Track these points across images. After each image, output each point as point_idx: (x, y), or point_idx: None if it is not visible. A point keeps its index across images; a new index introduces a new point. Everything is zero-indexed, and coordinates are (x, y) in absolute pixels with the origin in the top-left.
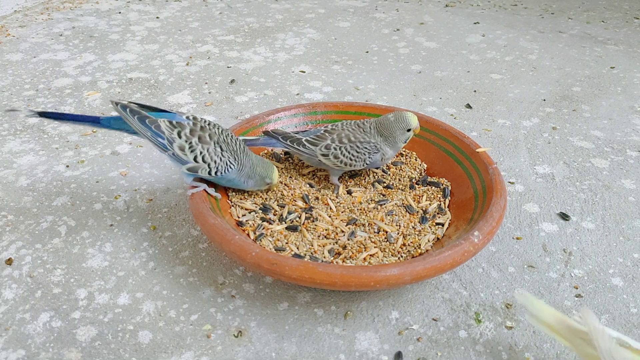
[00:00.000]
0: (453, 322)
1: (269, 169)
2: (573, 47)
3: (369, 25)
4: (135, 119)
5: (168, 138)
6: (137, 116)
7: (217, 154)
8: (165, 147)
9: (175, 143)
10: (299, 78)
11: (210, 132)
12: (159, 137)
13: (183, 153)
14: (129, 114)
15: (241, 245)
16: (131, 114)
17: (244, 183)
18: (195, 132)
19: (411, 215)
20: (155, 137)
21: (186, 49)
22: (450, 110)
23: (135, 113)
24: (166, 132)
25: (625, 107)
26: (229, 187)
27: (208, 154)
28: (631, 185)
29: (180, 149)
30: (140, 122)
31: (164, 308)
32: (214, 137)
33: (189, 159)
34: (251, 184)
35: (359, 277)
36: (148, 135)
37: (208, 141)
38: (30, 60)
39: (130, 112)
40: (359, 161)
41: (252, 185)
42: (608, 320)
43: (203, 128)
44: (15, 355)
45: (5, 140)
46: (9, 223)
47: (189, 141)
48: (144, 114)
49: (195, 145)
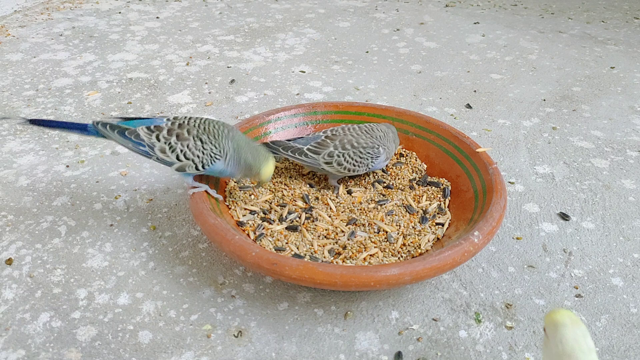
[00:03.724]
0: (453, 322)
1: (261, 159)
2: (573, 47)
3: (369, 25)
4: (115, 134)
5: (148, 144)
6: (116, 130)
7: (198, 148)
8: (148, 153)
9: (156, 147)
10: (299, 78)
11: (188, 128)
12: (140, 146)
13: (165, 155)
14: (109, 130)
15: (241, 245)
16: (111, 130)
17: (234, 174)
18: (173, 131)
19: (411, 215)
20: (137, 147)
21: (186, 49)
22: (450, 110)
23: (115, 128)
24: (145, 138)
25: (625, 107)
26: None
27: (189, 150)
28: (631, 185)
29: (162, 151)
30: (121, 135)
31: (164, 308)
32: (192, 132)
33: (173, 159)
34: (236, 171)
35: (359, 277)
36: (130, 146)
37: (186, 137)
38: (30, 60)
39: (110, 128)
40: (362, 166)
41: (237, 172)
42: (608, 320)
43: (181, 125)
44: (15, 355)
45: (5, 140)
46: (9, 223)
47: (167, 142)
48: (123, 127)
49: (174, 145)
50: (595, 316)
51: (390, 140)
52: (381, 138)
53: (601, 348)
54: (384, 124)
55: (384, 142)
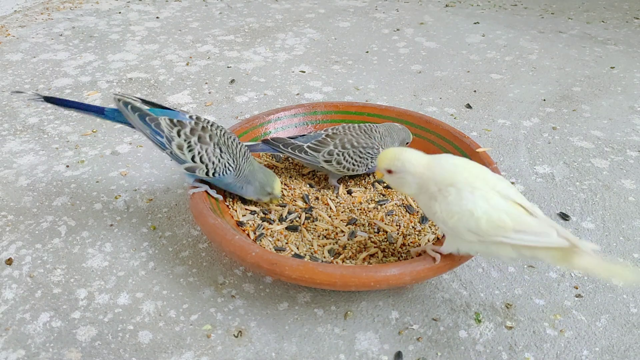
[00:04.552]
0: (453, 322)
1: (271, 178)
2: (573, 47)
3: (369, 25)
4: (135, 116)
5: (167, 136)
6: (137, 113)
7: (216, 155)
8: (164, 145)
9: (174, 142)
10: (299, 78)
11: (211, 133)
12: (158, 135)
13: (181, 152)
14: (129, 111)
15: (241, 245)
16: (132, 111)
17: (243, 189)
18: (196, 132)
19: (411, 215)
20: (154, 135)
21: (186, 49)
22: (450, 110)
23: (136, 110)
24: (165, 130)
25: (625, 107)
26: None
27: (206, 155)
28: (631, 185)
29: (179, 147)
30: (141, 119)
31: (164, 308)
32: (214, 139)
33: (187, 159)
34: (251, 190)
35: (359, 277)
36: (147, 132)
37: (208, 142)
38: (30, 60)
39: (131, 108)
40: (362, 166)
41: (251, 192)
42: (608, 320)
43: (204, 128)
44: (15, 355)
45: (5, 140)
46: (9, 223)
47: (187, 140)
48: (145, 111)
49: (194, 145)
50: (595, 316)
51: (388, 143)
52: (380, 139)
53: (601, 348)
54: (386, 125)
55: (383, 144)
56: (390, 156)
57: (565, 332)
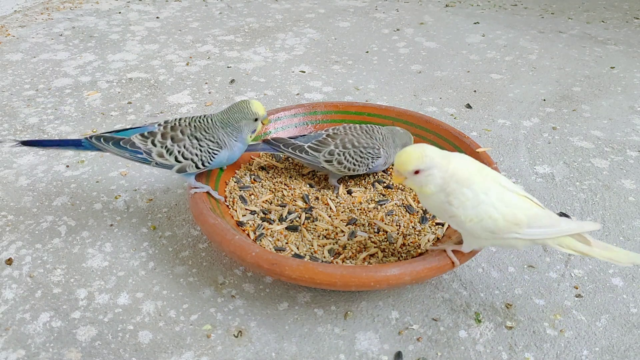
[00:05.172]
0: (453, 322)
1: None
2: (573, 47)
3: (369, 25)
4: (110, 146)
5: (145, 150)
6: (111, 142)
7: (195, 147)
8: (147, 160)
9: (153, 152)
10: (299, 78)
11: (181, 128)
12: (137, 154)
13: (164, 159)
14: (103, 143)
15: (241, 245)
16: (105, 142)
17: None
18: (167, 135)
19: (411, 215)
20: (134, 155)
21: (186, 49)
22: (450, 110)
23: (109, 139)
24: (141, 145)
25: (625, 107)
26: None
27: (186, 150)
28: (631, 185)
29: (159, 155)
30: (116, 146)
31: (164, 308)
32: (186, 131)
33: (172, 162)
34: (242, 138)
35: (359, 277)
36: (127, 155)
37: (181, 137)
38: (30, 60)
39: (104, 140)
40: (363, 166)
41: (244, 137)
42: (608, 320)
43: (174, 127)
44: (15, 355)
45: (5, 141)
46: (9, 223)
47: (163, 145)
48: (117, 138)
49: (171, 147)
50: (595, 316)
51: (391, 145)
52: (381, 140)
53: (601, 348)
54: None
55: (384, 145)
56: (416, 155)
57: (565, 332)
